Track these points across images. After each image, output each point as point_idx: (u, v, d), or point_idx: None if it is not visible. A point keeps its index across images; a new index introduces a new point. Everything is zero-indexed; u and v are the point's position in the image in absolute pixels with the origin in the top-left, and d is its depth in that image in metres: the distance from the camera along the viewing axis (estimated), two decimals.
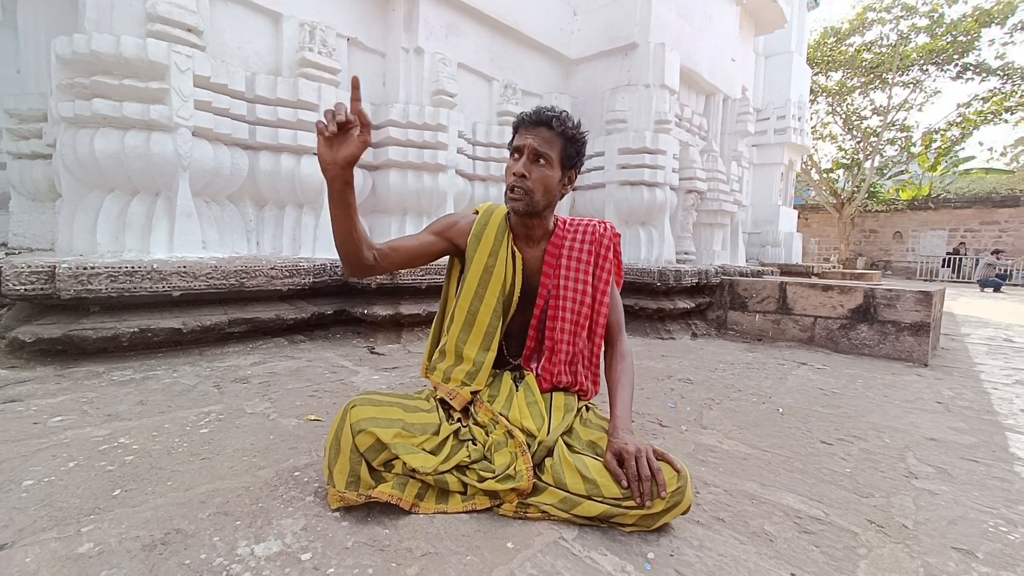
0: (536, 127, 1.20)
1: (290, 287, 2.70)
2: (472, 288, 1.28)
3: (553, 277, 1.32)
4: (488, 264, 1.28)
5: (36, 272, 2.00)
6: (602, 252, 1.32)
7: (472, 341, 1.28)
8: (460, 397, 1.25)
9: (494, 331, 1.28)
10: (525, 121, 1.21)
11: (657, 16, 4.05)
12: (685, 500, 1.02)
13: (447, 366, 1.29)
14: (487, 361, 1.28)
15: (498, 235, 1.29)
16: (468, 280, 1.28)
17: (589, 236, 1.32)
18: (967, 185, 19.37)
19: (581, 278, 1.30)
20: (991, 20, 13.26)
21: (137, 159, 2.41)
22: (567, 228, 1.34)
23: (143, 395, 1.77)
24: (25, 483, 1.12)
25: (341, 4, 3.26)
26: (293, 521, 1.01)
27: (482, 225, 1.30)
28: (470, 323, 1.28)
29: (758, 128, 7.68)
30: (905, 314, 3.07)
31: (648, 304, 3.61)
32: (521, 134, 1.21)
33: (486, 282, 1.27)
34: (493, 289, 1.27)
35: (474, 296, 1.28)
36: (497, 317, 1.28)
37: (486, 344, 1.28)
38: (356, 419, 1.05)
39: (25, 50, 3.09)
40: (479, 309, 1.28)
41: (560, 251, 1.32)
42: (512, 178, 1.20)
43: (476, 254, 1.28)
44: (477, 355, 1.27)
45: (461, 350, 1.28)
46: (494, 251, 1.28)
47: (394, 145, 3.33)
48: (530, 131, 1.20)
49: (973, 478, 1.40)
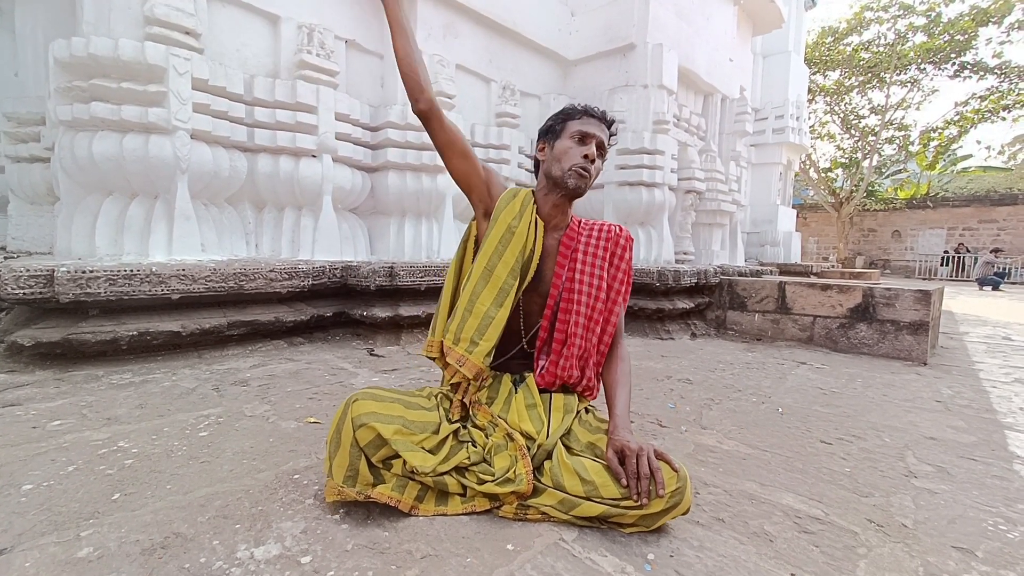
0: (602, 124, 1.32)
1: (289, 289, 2.69)
2: (493, 244, 1.28)
3: (568, 269, 1.33)
4: (511, 224, 1.29)
5: (35, 276, 2.00)
6: (617, 252, 1.34)
7: (486, 294, 1.26)
8: (470, 363, 1.22)
9: (509, 288, 1.26)
10: (593, 114, 1.31)
11: (655, 17, 4.05)
12: (684, 501, 1.02)
13: (456, 324, 1.26)
14: (498, 317, 1.25)
15: (524, 204, 1.32)
16: (490, 237, 1.28)
17: (605, 234, 1.35)
18: (965, 184, 19.42)
19: (597, 273, 1.31)
20: (988, 19, 13.29)
21: (135, 162, 2.41)
22: (583, 225, 1.38)
23: (142, 398, 1.77)
24: (24, 487, 1.11)
25: (339, 6, 3.26)
26: (293, 524, 1.01)
27: (511, 194, 1.33)
28: (487, 278, 1.27)
29: (756, 128, 7.69)
30: (904, 313, 3.07)
31: (647, 304, 3.62)
32: (587, 123, 1.29)
33: (507, 240, 1.28)
34: (513, 249, 1.27)
35: (494, 252, 1.27)
36: (514, 277, 1.27)
37: (499, 300, 1.26)
38: (358, 413, 1.06)
39: (23, 53, 3.09)
40: (497, 265, 1.27)
41: (576, 244, 1.34)
42: (582, 160, 1.27)
43: (501, 215, 1.30)
44: (488, 309, 1.25)
45: (473, 304, 1.26)
46: (519, 215, 1.30)
47: (393, 147, 3.33)
48: (597, 125, 1.30)
49: (972, 477, 1.40)
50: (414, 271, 2.96)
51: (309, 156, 3.03)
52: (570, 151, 1.27)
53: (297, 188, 3.00)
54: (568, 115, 1.32)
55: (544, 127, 1.37)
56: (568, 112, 1.32)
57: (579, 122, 1.30)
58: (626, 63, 4.19)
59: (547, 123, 1.36)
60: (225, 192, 2.84)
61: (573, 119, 1.31)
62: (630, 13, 4.07)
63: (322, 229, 3.11)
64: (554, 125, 1.33)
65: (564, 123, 1.31)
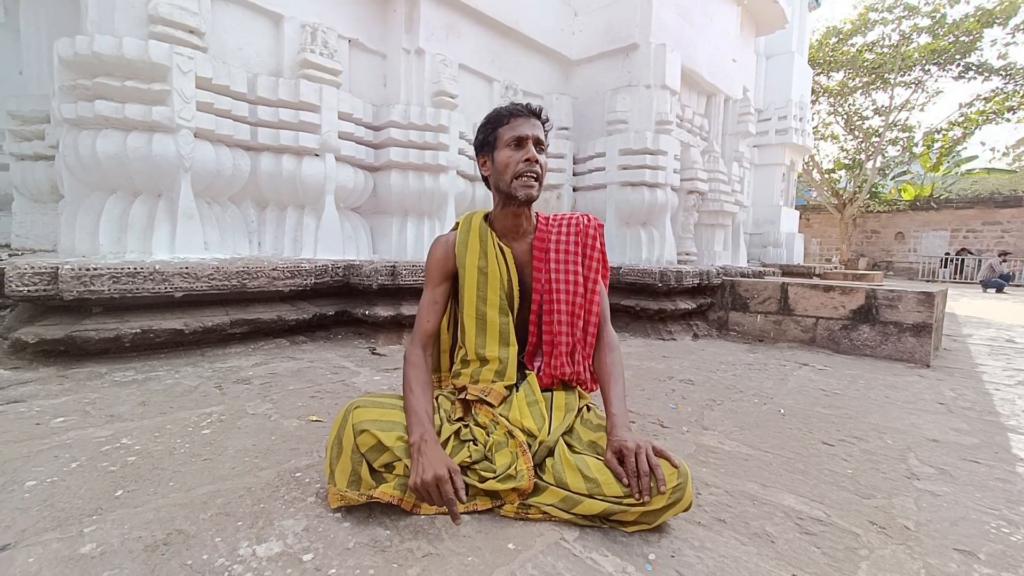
0: (530, 117, 1.25)
1: (292, 288, 2.70)
2: (472, 293, 1.30)
3: (544, 272, 1.33)
4: (480, 266, 1.30)
5: (39, 273, 2.01)
6: (588, 243, 1.33)
7: (491, 342, 1.30)
8: (495, 392, 1.26)
9: (507, 328, 1.30)
10: (518, 112, 1.25)
11: (658, 17, 4.05)
12: (686, 497, 1.02)
13: (473, 370, 1.31)
14: (511, 357, 1.30)
15: (482, 237, 1.31)
16: (467, 285, 1.30)
17: (574, 228, 1.34)
18: (969, 185, 19.33)
19: (572, 269, 1.31)
20: (993, 20, 13.23)
21: (139, 160, 2.42)
22: (551, 223, 1.36)
23: (145, 396, 1.77)
24: (27, 484, 1.12)
25: (342, 5, 3.26)
26: (295, 522, 1.02)
27: (465, 233, 1.32)
28: (482, 326, 1.30)
29: (759, 129, 7.67)
30: (907, 315, 3.06)
31: (649, 305, 3.61)
32: (517, 125, 1.23)
33: (484, 284, 1.29)
34: (493, 288, 1.29)
35: (477, 300, 1.30)
36: (505, 314, 1.30)
37: (504, 340, 1.30)
38: (358, 420, 1.06)
39: (27, 52, 3.10)
40: (486, 311, 1.30)
41: (547, 244, 1.33)
42: (524, 165, 1.21)
43: (467, 260, 1.30)
44: (500, 352, 1.30)
45: (483, 353, 1.30)
46: (483, 252, 1.30)
47: (395, 146, 3.34)
48: (527, 122, 1.24)
49: (975, 479, 1.39)
50: (416, 270, 2.96)
51: (312, 155, 3.04)
52: (510, 160, 1.22)
53: (300, 187, 3.01)
54: (496, 122, 1.26)
55: (477, 141, 1.31)
56: (495, 119, 1.26)
57: (508, 127, 1.24)
58: (629, 63, 4.18)
59: (478, 137, 1.30)
60: (228, 191, 2.85)
61: (502, 125, 1.25)
62: (633, 13, 4.06)
63: (324, 228, 3.12)
64: (486, 137, 1.27)
65: (495, 131, 1.26)
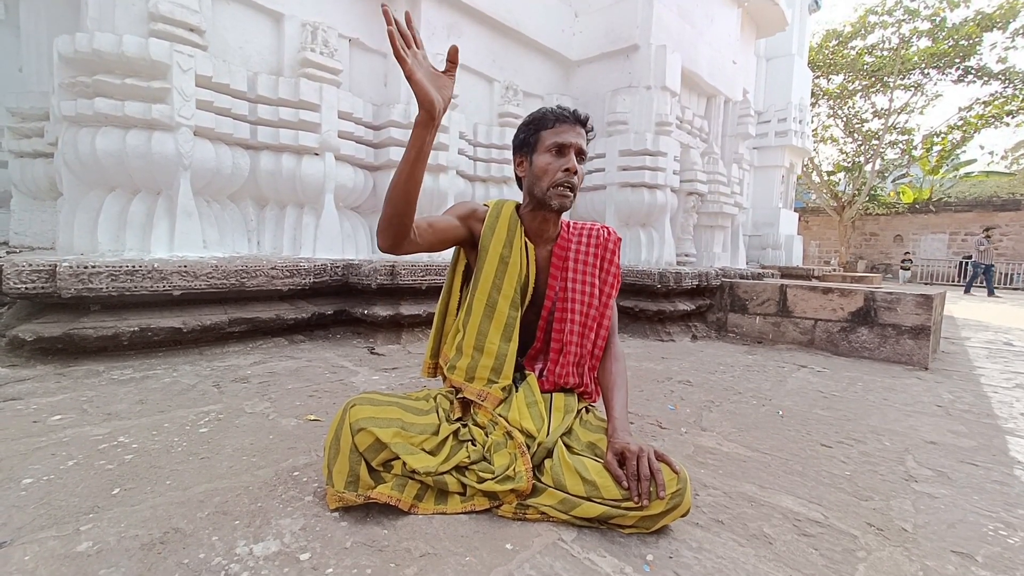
0: (576, 125, 1.22)
1: (290, 287, 2.70)
2: (489, 279, 1.27)
3: (560, 279, 1.33)
4: (504, 255, 1.28)
5: (37, 271, 2.00)
6: (607, 256, 1.34)
7: (494, 332, 1.27)
8: (492, 396, 1.23)
9: (513, 322, 1.28)
10: (565, 118, 1.21)
11: (658, 18, 4.06)
12: (684, 503, 1.02)
13: (467, 363, 1.27)
14: (510, 353, 1.27)
15: (510, 228, 1.29)
16: (485, 271, 1.28)
17: (594, 240, 1.34)
18: (968, 188, 19.38)
19: (588, 280, 1.31)
20: (993, 24, 13.26)
21: (138, 158, 2.42)
22: (572, 231, 1.36)
23: (143, 394, 1.77)
24: (24, 481, 1.12)
25: (342, 4, 3.26)
26: (292, 521, 1.01)
27: (494, 217, 1.30)
28: (490, 314, 1.27)
29: (759, 131, 7.69)
30: (905, 317, 3.07)
31: (648, 306, 3.61)
32: (562, 131, 1.20)
33: (503, 273, 1.27)
34: (510, 279, 1.27)
35: (492, 287, 1.27)
36: (515, 308, 1.28)
37: (507, 335, 1.27)
38: (356, 418, 1.06)
39: (27, 49, 3.10)
40: (498, 300, 1.27)
41: (567, 252, 1.33)
42: (563, 175, 1.19)
43: (491, 244, 1.28)
44: (500, 346, 1.26)
45: (482, 343, 1.27)
46: (508, 242, 1.28)
47: (395, 146, 3.33)
48: (572, 129, 1.21)
49: (972, 481, 1.39)
50: (415, 270, 2.96)
51: (311, 154, 3.04)
52: (550, 167, 1.20)
53: (299, 186, 3.01)
54: (540, 124, 1.23)
55: (517, 140, 1.28)
56: (539, 120, 1.23)
57: (552, 131, 1.21)
58: (629, 64, 4.19)
59: (519, 135, 1.27)
60: (227, 189, 2.84)
61: (545, 128, 1.22)
62: (633, 14, 4.07)
63: (324, 227, 3.11)
64: (527, 137, 1.25)
65: (537, 133, 1.23)
